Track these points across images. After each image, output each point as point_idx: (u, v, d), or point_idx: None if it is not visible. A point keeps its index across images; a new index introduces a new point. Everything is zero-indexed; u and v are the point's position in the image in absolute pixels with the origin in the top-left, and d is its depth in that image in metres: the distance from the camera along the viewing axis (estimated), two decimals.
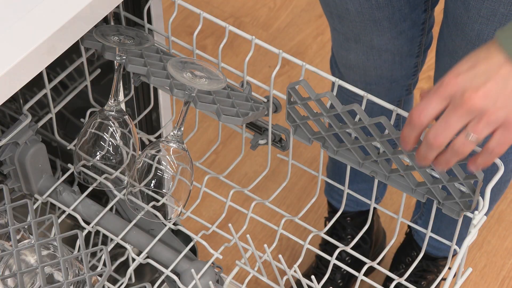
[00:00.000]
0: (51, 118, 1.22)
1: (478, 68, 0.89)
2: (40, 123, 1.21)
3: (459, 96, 0.89)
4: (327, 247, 1.82)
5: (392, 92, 1.55)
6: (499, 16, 1.19)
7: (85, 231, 1.15)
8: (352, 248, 1.48)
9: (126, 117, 1.17)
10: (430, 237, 1.18)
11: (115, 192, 1.19)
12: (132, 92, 1.34)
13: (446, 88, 0.90)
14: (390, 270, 1.86)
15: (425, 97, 0.92)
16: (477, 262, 1.97)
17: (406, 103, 1.64)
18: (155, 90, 1.35)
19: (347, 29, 1.41)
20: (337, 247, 1.17)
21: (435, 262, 1.79)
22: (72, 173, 1.20)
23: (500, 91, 0.88)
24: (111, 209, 1.21)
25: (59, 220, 1.17)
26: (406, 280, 1.72)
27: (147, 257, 1.16)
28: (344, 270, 1.80)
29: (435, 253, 1.77)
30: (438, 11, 1.41)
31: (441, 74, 1.40)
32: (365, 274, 1.15)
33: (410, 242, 1.83)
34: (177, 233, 1.45)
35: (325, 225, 1.89)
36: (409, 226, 1.84)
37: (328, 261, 1.80)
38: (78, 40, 1.06)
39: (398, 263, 1.86)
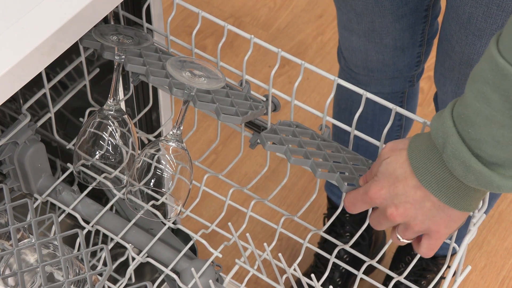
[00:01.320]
0: (50, 118, 1.23)
1: (398, 188, 0.94)
2: (39, 123, 1.21)
3: (383, 208, 0.96)
4: (326, 245, 1.82)
5: (395, 83, 1.55)
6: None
7: (85, 230, 1.15)
8: (350, 246, 1.48)
9: (125, 116, 1.17)
10: None
11: (115, 191, 1.19)
12: (132, 91, 1.34)
13: (371, 199, 0.96)
14: (390, 269, 1.86)
15: (352, 197, 1.00)
16: (477, 262, 1.97)
17: (409, 97, 1.64)
18: (155, 89, 1.35)
19: (349, 8, 1.42)
20: (335, 245, 1.17)
21: (434, 261, 1.80)
22: (72, 172, 1.21)
23: (418, 210, 0.94)
24: (110, 208, 1.21)
25: (59, 220, 1.17)
26: (406, 279, 1.72)
27: (147, 256, 1.16)
28: (343, 268, 1.80)
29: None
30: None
31: (439, 62, 1.41)
32: (365, 273, 1.15)
33: None
34: (177, 232, 1.45)
35: (324, 222, 1.89)
36: None
37: (327, 259, 1.81)
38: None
39: (398, 262, 1.86)
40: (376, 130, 1.64)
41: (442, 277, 1.76)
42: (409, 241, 0.99)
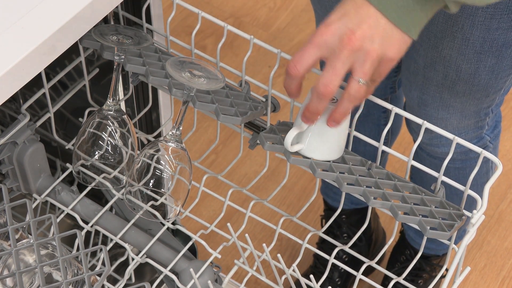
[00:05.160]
0: (50, 118, 1.23)
1: (349, 16, 0.94)
2: (39, 123, 1.21)
3: (337, 42, 0.94)
4: (324, 246, 1.83)
5: (376, 89, 1.55)
6: None
7: (84, 231, 1.15)
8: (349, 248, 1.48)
9: (125, 116, 1.17)
10: (423, 236, 1.19)
11: (114, 192, 1.19)
12: (131, 91, 1.34)
13: (321, 37, 0.95)
14: (386, 269, 1.86)
15: (299, 51, 0.97)
16: (477, 262, 1.97)
17: (393, 103, 1.64)
18: (154, 89, 1.35)
19: (324, 10, 1.42)
20: (334, 246, 1.17)
21: (427, 261, 1.80)
22: (72, 172, 1.21)
23: (374, 31, 0.93)
24: (110, 209, 1.21)
25: (58, 220, 1.17)
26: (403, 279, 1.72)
27: (146, 256, 1.16)
28: (342, 268, 1.80)
29: (426, 251, 1.78)
30: None
31: (405, 66, 1.42)
32: (365, 273, 1.15)
33: (403, 241, 1.83)
34: (176, 232, 1.45)
35: (321, 223, 1.89)
36: (402, 225, 1.85)
37: (326, 260, 1.81)
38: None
39: (394, 262, 1.86)
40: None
41: (442, 277, 1.76)
42: (368, 85, 0.98)
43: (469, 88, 1.32)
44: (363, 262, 1.14)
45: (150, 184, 1.11)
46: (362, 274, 1.13)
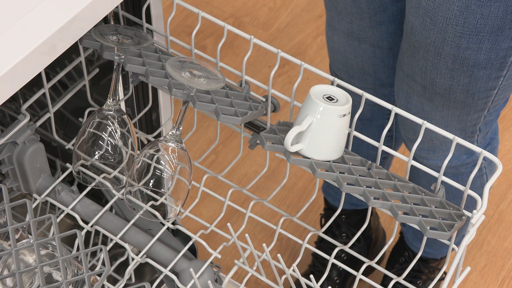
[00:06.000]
0: (50, 118, 1.23)
1: None
2: (39, 123, 1.21)
3: None
4: (322, 245, 1.83)
5: (379, 95, 1.55)
6: (422, 10, 1.22)
7: (84, 231, 1.15)
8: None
9: (125, 116, 1.17)
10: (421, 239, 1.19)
11: (114, 192, 1.19)
12: (131, 91, 1.34)
13: None
14: (386, 269, 1.86)
15: None
16: (477, 262, 1.97)
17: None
18: (154, 89, 1.35)
19: (332, 6, 1.44)
20: (332, 245, 1.17)
21: (425, 264, 1.80)
22: (72, 172, 1.21)
23: None
24: (110, 209, 1.21)
25: (58, 220, 1.17)
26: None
27: (146, 256, 1.16)
28: (340, 267, 1.80)
29: (424, 255, 1.78)
30: None
31: (396, 74, 1.42)
32: (365, 273, 1.15)
33: (402, 243, 1.84)
34: (176, 232, 1.45)
35: (321, 222, 1.89)
36: (401, 227, 1.85)
37: (324, 259, 1.81)
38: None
39: (393, 263, 1.86)
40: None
41: (442, 278, 1.76)
42: None
43: (447, 104, 1.33)
44: (362, 262, 1.14)
45: (150, 184, 1.11)
46: (362, 274, 1.13)
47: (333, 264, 1.80)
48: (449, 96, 1.31)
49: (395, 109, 1.07)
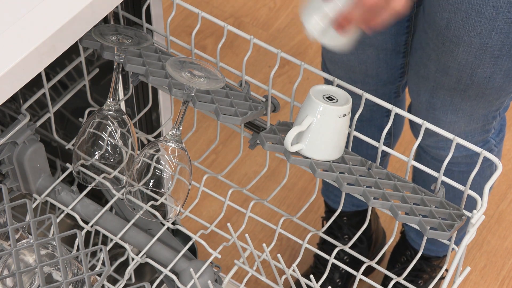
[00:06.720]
0: (49, 118, 1.23)
1: None
2: (39, 123, 1.21)
3: None
4: (325, 246, 1.83)
5: (379, 94, 1.55)
6: (465, 5, 1.21)
7: (84, 231, 1.15)
8: (349, 248, 1.48)
9: (125, 116, 1.17)
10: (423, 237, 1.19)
11: (114, 192, 1.19)
12: (131, 91, 1.34)
13: None
14: (386, 270, 1.86)
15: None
16: (477, 262, 1.97)
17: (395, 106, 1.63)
18: (154, 89, 1.35)
19: None
20: (334, 246, 1.17)
21: (428, 262, 1.80)
22: (72, 172, 1.21)
23: None
24: (110, 209, 1.21)
25: (58, 220, 1.17)
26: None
27: (146, 256, 1.16)
28: (343, 269, 1.80)
29: (427, 252, 1.78)
30: None
31: (414, 71, 1.41)
32: (365, 274, 1.15)
33: (404, 242, 1.84)
34: (176, 232, 1.45)
35: (323, 225, 1.90)
36: (403, 225, 1.85)
37: (326, 260, 1.81)
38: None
39: (394, 263, 1.86)
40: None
41: (442, 277, 1.76)
42: None
43: (481, 92, 1.33)
44: (364, 263, 1.14)
45: (150, 184, 1.11)
46: (362, 274, 1.13)
47: (335, 266, 1.80)
48: (487, 84, 1.31)
49: (395, 109, 1.07)
